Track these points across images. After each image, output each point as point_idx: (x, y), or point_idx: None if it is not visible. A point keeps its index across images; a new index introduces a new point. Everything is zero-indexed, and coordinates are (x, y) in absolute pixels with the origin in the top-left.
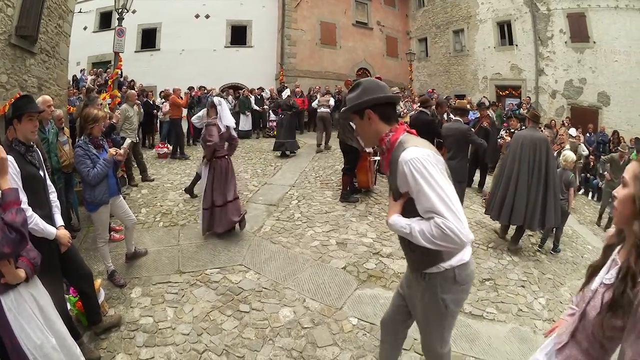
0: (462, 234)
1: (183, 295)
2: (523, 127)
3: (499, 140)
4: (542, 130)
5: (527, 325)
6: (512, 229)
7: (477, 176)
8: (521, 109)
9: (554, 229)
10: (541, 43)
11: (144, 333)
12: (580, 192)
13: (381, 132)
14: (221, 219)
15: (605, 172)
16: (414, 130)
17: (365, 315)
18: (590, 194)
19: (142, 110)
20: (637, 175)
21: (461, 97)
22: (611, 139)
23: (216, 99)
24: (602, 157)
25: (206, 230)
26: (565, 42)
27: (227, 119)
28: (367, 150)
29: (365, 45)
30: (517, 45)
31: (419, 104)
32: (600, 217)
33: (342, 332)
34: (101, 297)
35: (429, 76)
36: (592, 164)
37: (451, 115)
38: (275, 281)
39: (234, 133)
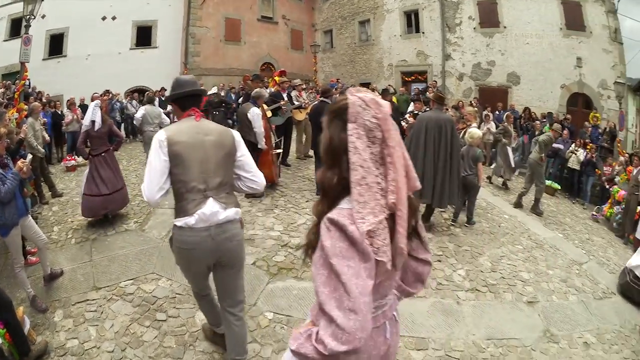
0: (145, 194)
1: (102, 312)
2: (427, 109)
3: (402, 123)
4: (447, 111)
5: (449, 297)
6: (421, 207)
7: None
8: (427, 93)
9: (466, 203)
10: (449, 30)
11: (72, 356)
12: (492, 166)
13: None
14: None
15: (542, 155)
16: (197, 115)
17: (280, 308)
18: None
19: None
20: (326, 124)
21: (366, 85)
22: (522, 115)
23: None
24: (539, 138)
25: (87, 214)
26: (474, 28)
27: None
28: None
29: (270, 40)
30: (423, 33)
31: (320, 94)
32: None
33: (259, 328)
34: (27, 325)
35: (334, 67)
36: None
37: None
38: (187, 285)
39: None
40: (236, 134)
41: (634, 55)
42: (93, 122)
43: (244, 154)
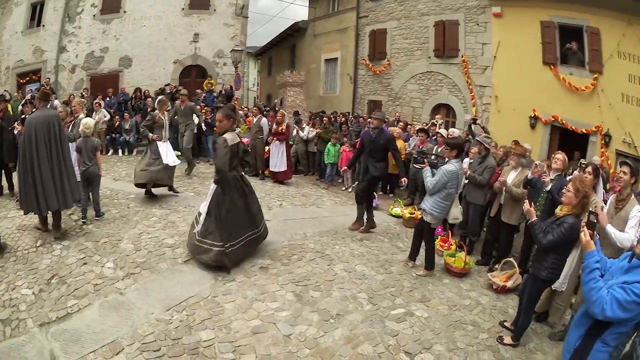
0: None
1: None
2: (34, 110)
3: (15, 132)
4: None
5: (111, 292)
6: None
7: (4, 181)
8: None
9: (91, 197)
10: (69, 20)
11: None
12: (109, 154)
13: None
14: None
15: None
16: None
17: None
18: (120, 151)
19: None
20: None
21: None
22: (133, 96)
23: None
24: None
25: None
26: (94, 15)
27: None
28: None
29: None
30: (44, 26)
31: None
32: None
33: None
34: None
35: None
36: (116, 124)
37: None
38: None
39: None
40: None
41: (259, 27)
42: None
43: None
